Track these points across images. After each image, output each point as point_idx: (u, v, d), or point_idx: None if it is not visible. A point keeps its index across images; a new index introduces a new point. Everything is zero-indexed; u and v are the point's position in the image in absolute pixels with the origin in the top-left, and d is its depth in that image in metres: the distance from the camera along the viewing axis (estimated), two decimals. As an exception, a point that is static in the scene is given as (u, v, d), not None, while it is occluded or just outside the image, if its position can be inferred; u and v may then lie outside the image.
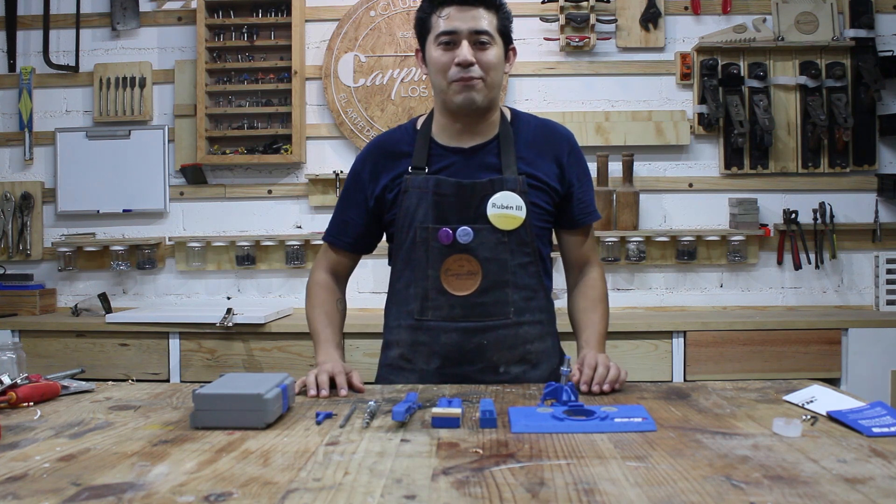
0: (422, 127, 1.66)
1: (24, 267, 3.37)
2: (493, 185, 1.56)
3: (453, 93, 1.55)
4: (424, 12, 1.59)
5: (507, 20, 1.60)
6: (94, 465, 1.00)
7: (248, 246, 3.25)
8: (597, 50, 3.27)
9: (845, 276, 3.24)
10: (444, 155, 1.62)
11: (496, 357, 1.59)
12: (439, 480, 0.92)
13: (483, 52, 1.54)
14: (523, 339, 1.61)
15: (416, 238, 1.58)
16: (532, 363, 1.63)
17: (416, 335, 1.61)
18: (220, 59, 3.29)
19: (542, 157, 1.64)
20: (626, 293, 3.28)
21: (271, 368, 2.86)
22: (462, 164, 1.60)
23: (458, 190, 1.56)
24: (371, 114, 3.26)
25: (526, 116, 1.71)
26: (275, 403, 1.21)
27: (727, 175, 3.25)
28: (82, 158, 3.33)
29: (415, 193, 1.58)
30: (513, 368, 1.61)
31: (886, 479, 0.91)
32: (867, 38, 3.16)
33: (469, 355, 1.58)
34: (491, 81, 1.56)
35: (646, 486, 0.90)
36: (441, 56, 1.55)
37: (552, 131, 1.69)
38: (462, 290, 1.57)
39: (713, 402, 1.34)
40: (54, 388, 1.41)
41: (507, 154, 1.60)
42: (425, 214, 1.57)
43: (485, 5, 1.54)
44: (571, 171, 1.67)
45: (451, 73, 1.54)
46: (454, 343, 1.58)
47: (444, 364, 1.59)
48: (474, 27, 1.53)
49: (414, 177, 1.59)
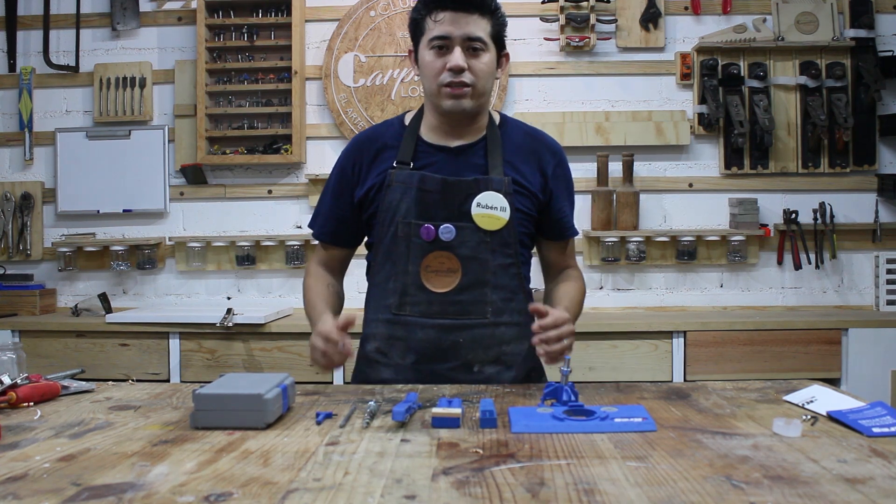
0: (410, 123, 1.66)
1: (24, 267, 3.38)
2: (478, 185, 1.56)
3: (443, 97, 1.55)
4: (419, 14, 1.58)
5: (502, 26, 1.59)
6: (94, 465, 1.00)
7: (248, 246, 3.25)
8: (597, 50, 3.27)
9: (845, 276, 3.24)
10: (430, 152, 1.62)
11: (471, 356, 1.58)
12: (439, 480, 0.92)
13: (475, 58, 1.53)
14: (500, 340, 1.60)
15: (398, 233, 1.57)
16: (507, 364, 1.62)
17: (393, 329, 1.60)
18: (220, 59, 3.30)
19: (528, 164, 1.63)
20: (626, 293, 3.28)
21: (271, 368, 2.86)
22: (448, 163, 1.60)
23: (443, 187, 1.56)
24: (371, 114, 3.26)
25: (515, 122, 1.70)
26: (275, 403, 1.21)
27: (727, 175, 3.25)
28: (82, 158, 3.33)
29: (398, 188, 1.57)
30: (487, 368, 1.60)
31: (886, 479, 0.91)
32: (867, 38, 3.16)
33: (444, 353, 1.58)
34: (481, 88, 1.56)
35: (646, 486, 0.90)
36: (433, 60, 1.55)
37: (541, 141, 1.68)
38: (441, 287, 1.56)
39: (713, 402, 1.34)
40: (54, 388, 1.41)
41: (494, 155, 1.60)
42: (408, 209, 1.56)
43: (480, 11, 1.53)
44: (556, 183, 1.65)
45: (442, 78, 1.54)
46: (430, 339, 1.57)
47: (418, 360, 1.59)
48: (468, 33, 1.52)
49: (398, 171, 1.59)
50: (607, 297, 3.27)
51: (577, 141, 3.20)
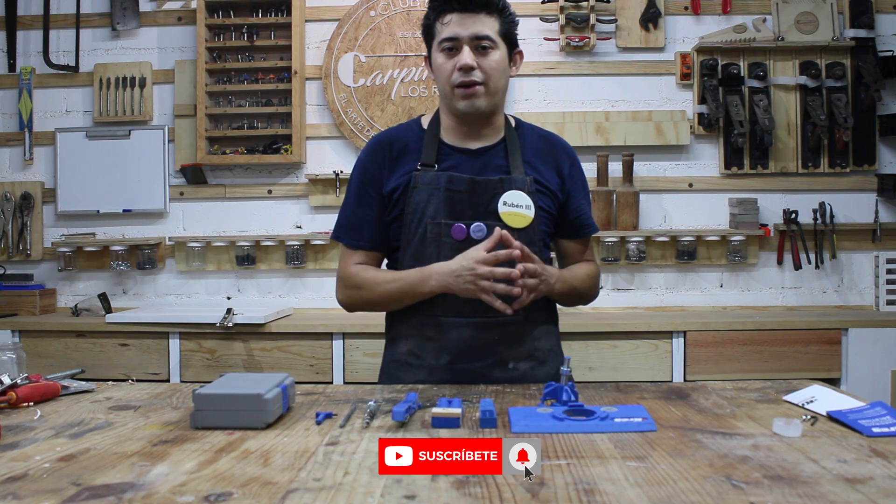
0: (429, 126, 1.67)
1: (24, 267, 3.37)
2: (503, 184, 1.58)
3: (457, 98, 1.57)
4: (429, 19, 1.61)
5: (512, 24, 1.60)
6: (94, 465, 1.00)
7: (248, 246, 3.25)
8: (597, 50, 3.27)
9: (845, 276, 3.24)
10: (451, 154, 1.63)
11: (506, 353, 1.60)
12: (439, 480, 0.92)
13: (485, 57, 1.55)
14: (532, 336, 1.63)
15: (428, 234, 1.58)
16: (540, 360, 1.65)
17: (425, 331, 1.61)
18: (220, 59, 3.29)
19: (545, 164, 1.67)
20: (626, 293, 3.28)
21: (271, 368, 2.86)
22: (470, 164, 1.62)
23: (471, 186, 1.58)
24: (371, 114, 3.26)
25: (530, 126, 1.73)
26: (275, 403, 1.21)
27: (727, 175, 3.25)
28: (82, 158, 3.33)
29: (425, 189, 1.58)
30: (521, 364, 1.62)
31: (886, 479, 0.91)
32: (867, 38, 3.16)
33: (479, 351, 1.59)
34: (494, 86, 1.58)
35: (646, 486, 0.90)
36: (444, 62, 1.57)
37: (555, 143, 1.72)
38: None
39: (713, 402, 1.34)
40: (54, 388, 1.41)
41: (515, 156, 1.63)
42: (437, 210, 1.57)
43: (486, 10, 1.55)
44: (572, 183, 1.69)
45: (454, 78, 1.56)
46: (464, 338, 1.58)
47: (453, 360, 1.60)
48: (475, 32, 1.54)
49: (424, 173, 1.60)
50: (607, 297, 3.27)
51: (577, 141, 3.20)
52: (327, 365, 2.87)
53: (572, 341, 2.81)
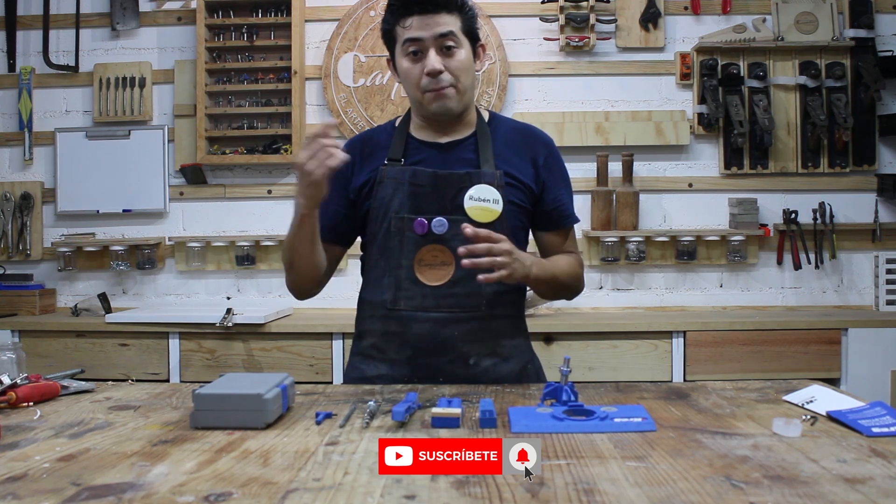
0: (400, 123, 1.68)
1: (23, 267, 3.37)
2: (470, 178, 1.57)
3: (427, 102, 1.57)
4: (388, 24, 1.59)
5: (473, 19, 1.59)
6: (93, 465, 1.00)
7: (247, 246, 3.25)
8: (597, 50, 3.27)
9: (845, 276, 3.24)
10: (420, 148, 1.63)
11: (467, 349, 1.59)
12: (439, 480, 0.92)
13: (451, 58, 1.54)
14: (495, 333, 1.61)
15: (391, 228, 1.58)
16: (503, 357, 1.62)
17: (388, 325, 1.60)
18: (220, 59, 3.29)
19: (519, 156, 1.64)
20: (626, 293, 3.28)
21: (271, 368, 2.86)
22: (438, 158, 1.61)
23: (435, 180, 1.57)
24: (371, 114, 3.26)
25: (505, 119, 1.72)
26: (275, 403, 1.21)
27: (727, 175, 3.25)
28: (82, 158, 3.33)
29: (390, 184, 1.59)
30: (483, 361, 1.60)
31: (886, 479, 0.91)
32: (867, 38, 3.16)
33: (440, 346, 1.58)
34: (463, 85, 1.57)
35: (646, 486, 0.90)
36: (411, 67, 1.56)
37: (531, 135, 1.69)
38: (435, 280, 1.57)
39: (713, 402, 1.34)
40: (54, 388, 1.41)
41: (485, 150, 1.61)
42: (401, 204, 1.57)
43: (446, 9, 1.54)
44: (548, 173, 1.65)
45: (423, 84, 1.55)
46: (425, 333, 1.57)
47: (415, 354, 1.59)
48: (438, 32, 1.53)
49: (390, 167, 1.60)
50: (607, 296, 3.27)
51: (576, 141, 3.20)
52: (327, 365, 2.87)
53: (572, 341, 2.81)
